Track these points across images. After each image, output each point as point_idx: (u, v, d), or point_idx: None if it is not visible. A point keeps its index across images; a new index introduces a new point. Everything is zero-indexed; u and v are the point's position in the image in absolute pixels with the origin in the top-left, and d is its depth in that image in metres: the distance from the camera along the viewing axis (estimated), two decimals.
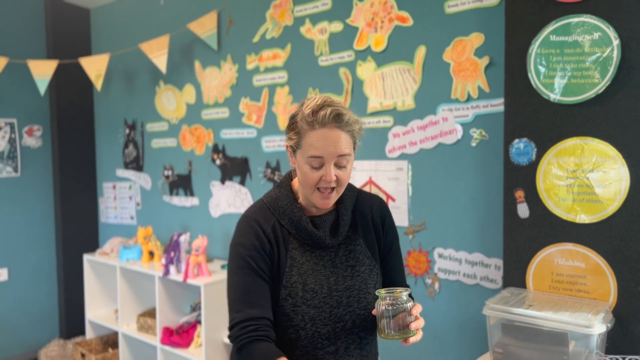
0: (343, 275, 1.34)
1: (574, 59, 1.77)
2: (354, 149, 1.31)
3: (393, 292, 1.22)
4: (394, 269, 1.45)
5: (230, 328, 1.27)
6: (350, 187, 1.43)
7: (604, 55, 1.71)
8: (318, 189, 1.28)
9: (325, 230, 1.34)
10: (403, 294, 1.22)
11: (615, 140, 1.71)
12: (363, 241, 1.40)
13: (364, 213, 1.42)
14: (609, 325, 1.60)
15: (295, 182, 1.40)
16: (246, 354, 1.23)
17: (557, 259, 1.83)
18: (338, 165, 1.27)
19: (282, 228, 1.34)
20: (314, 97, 1.29)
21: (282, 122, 2.97)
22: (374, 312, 1.24)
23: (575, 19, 1.76)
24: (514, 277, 1.94)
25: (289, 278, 1.31)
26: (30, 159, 3.99)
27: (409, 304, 1.21)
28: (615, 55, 1.69)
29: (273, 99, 3.00)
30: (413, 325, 1.19)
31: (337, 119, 1.23)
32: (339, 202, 1.39)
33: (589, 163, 1.76)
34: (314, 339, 1.30)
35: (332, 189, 1.28)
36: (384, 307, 1.21)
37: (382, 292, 1.23)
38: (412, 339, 1.20)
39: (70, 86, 4.05)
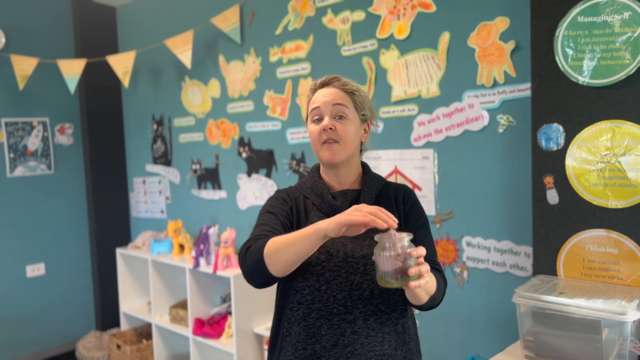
0: (361, 244, 1.36)
1: (604, 39, 1.72)
2: (359, 112, 1.41)
3: (390, 235, 1.14)
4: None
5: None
6: (377, 176, 1.49)
7: (635, 35, 1.66)
8: (323, 143, 1.37)
9: (344, 201, 1.40)
10: (405, 239, 1.14)
11: None
12: None
13: (388, 195, 1.46)
14: None
15: (322, 170, 1.48)
16: (248, 255, 1.26)
17: (588, 245, 1.80)
18: (336, 116, 1.37)
19: (306, 200, 1.44)
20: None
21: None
22: (373, 257, 1.18)
23: None
24: (544, 264, 1.91)
25: None
26: (63, 156, 4.10)
27: (408, 249, 1.14)
28: None
29: (297, 90, 3.01)
30: (412, 271, 1.13)
31: (335, 80, 1.41)
32: (362, 182, 1.45)
33: (621, 147, 1.71)
34: (329, 303, 1.33)
35: (335, 141, 1.36)
36: (380, 253, 1.15)
37: (378, 237, 1.16)
38: (414, 284, 1.13)
39: (99, 84, 4.14)
